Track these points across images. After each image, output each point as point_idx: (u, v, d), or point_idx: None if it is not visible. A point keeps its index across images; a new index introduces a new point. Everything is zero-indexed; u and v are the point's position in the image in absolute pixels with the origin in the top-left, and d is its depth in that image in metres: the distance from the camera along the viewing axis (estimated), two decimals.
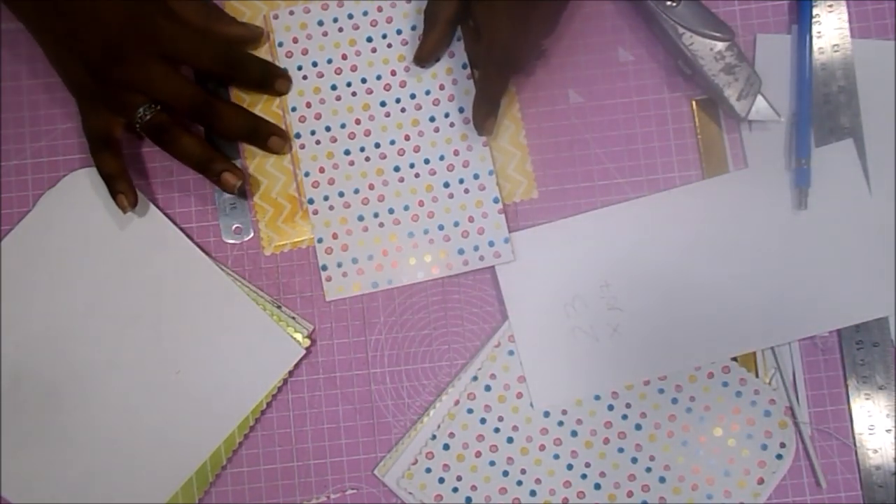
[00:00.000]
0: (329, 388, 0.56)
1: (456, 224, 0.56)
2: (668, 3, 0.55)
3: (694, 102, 0.57)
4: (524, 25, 0.53)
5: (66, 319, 0.56)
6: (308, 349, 0.56)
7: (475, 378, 0.56)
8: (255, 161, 0.57)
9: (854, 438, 0.55)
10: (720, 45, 0.55)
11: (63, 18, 0.52)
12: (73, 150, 0.57)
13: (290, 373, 0.56)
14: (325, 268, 0.56)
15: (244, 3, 0.58)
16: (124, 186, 0.55)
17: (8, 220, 0.57)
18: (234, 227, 0.57)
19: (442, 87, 0.57)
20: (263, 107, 0.57)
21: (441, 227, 0.56)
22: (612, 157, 0.57)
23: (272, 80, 0.57)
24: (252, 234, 0.57)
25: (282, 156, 0.57)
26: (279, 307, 0.56)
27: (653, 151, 0.57)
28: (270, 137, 0.56)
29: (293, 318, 0.56)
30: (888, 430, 0.55)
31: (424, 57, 0.56)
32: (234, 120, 0.56)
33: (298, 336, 0.56)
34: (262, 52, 0.58)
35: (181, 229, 0.57)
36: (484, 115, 0.55)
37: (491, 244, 0.56)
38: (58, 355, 0.56)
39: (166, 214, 0.57)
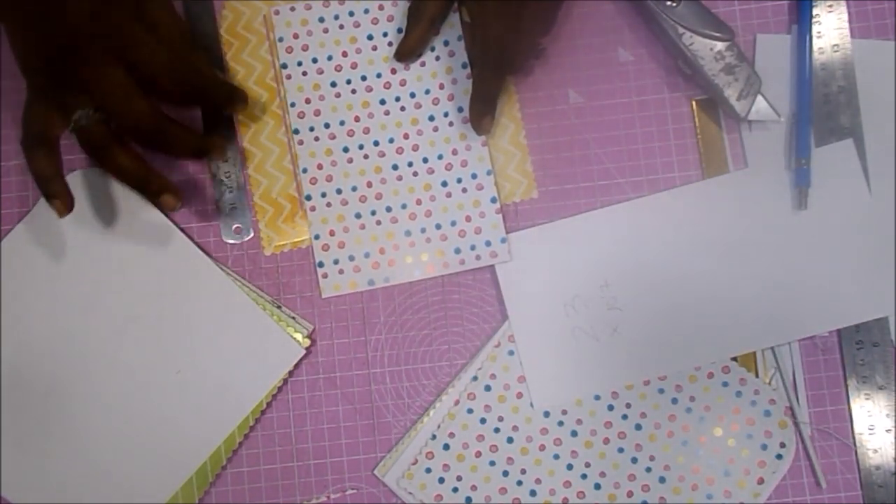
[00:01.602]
0: (329, 388, 0.56)
1: (453, 223, 0.56)
2: (668, 3, 0.55)
3: (694, 102, 0.57)
4: (517, 24, 0.52)
5: (67, 319, 0.56)
6: (308, 349, 0.56)
7: (475, 378, 0.56)
8: (255, 161, 0.57)
9: (854, 438, 0.55)
10: (720, 45, 0.55)
11: (31, 1, 0.50)
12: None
13: (290, 373, 0.56)
14: (321, 265, 0.56)
15: (244, 3, 0.58)
16: (59, 189, 0.51)
17: (8, 220, 0.57)
18: (234, 227, 0.57)
19: (442, 87, 0.57)
20: (263, 107, 0.57)
21: (438, 227, 0.56)
22: (612, 157, 0.57)
23: (233, 105, 0.55)
24: (252, 234, 0.57)
25: (282, 156, 0.57)
26: (279, 307, 0.56)
27: (653, 151, 0.57)
28: (214, 150, 0.54)
29: (293, 318, 0.56)
30: (888, 430, 0.55)
31: (406, 53, 0.56)
32: (184, 140, 0.53)
33: (298, 336, 0.56)
34: (262, 50, 0.58)
35: (181, 229, 0.57)
36: (480, 114, 0.55)
37: (488, 244, 0.56)
38: (58, 355, 0.56)
39: (166, 214, 0.57)
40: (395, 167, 0.57)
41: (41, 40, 0.51)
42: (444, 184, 0.57)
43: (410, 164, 0.57)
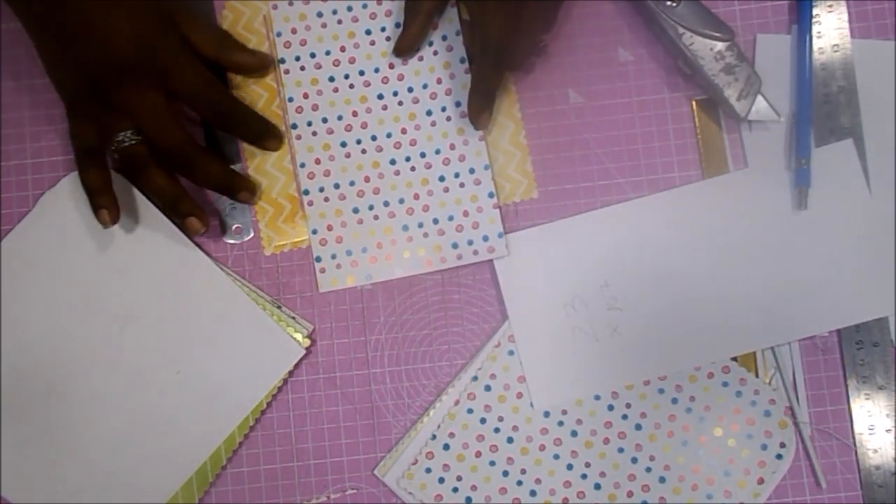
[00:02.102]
0: (329, 388, 0.56)
1: (450, 218, 0.56)
2: (668, 3, 0.55)
3: (694, 102, 0.57)
4: (516, 22, 0.52)
5: (66, 319, 0.56)
6: (308, 349, 0.56)
7: (475, 378, 0.56)
8: (255, 161, 0.57)
9: (854, 438, 0.55)
10: (720, 45, 0.55)
11: (70, 24, 0.51)
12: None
13: (290, 373, 0.56)
14: (319, 259, 0.56)
15: (244, 3, 0.58)
16: (107, 201, 0.54)
17: (8, 220, 0.57)
18: (234, 227, 0.57)
19: (439, 81, 0.57)
20: (263, 106, 0.57)
21: (436, 221, 0.56)
22: (612, 157, 0.57)
23: (264, 140, 0.57)
24: (252, 234, 0.57)
25: (282, 156, 0.57)
26: (279, 307, 0.56)
27: (653, 151, 0.57)
28: (241, 192, 0.56)
29: (293, 318, 0.56)
30: (888, 430, 0.55)
31: (404, 48, 0.56)
32: (211, 173, 0.55)
33: (298, 336, 0.56)
34: (263, 50, 0.58)
35: (181, 229, 0.57)
36: (479, 109, 0.55)
37: (485, 238, 0.56)
38: (58, 355, 0.56)
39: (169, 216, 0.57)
40: (392, 162, 0.57)
41: (82, 61, 0.51)
42: (442, 179, 0.57)
43: (408, 159, 0.57)
